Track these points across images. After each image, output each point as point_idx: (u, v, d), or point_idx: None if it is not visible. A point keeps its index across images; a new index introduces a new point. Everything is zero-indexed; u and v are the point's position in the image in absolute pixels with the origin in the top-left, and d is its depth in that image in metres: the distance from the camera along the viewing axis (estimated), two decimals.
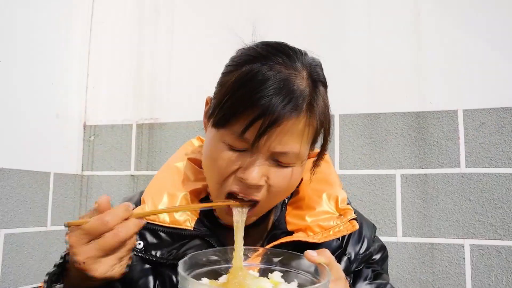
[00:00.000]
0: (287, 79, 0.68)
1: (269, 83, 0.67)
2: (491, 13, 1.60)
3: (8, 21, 1.68)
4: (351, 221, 0.79)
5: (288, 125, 0.68)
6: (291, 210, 0.84)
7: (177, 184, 0.83)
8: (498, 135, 1.54)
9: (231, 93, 0.70)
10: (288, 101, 0.67)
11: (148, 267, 0.79)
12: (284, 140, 0.69)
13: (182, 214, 0.79)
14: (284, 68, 0.70)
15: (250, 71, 0.69)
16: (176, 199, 0.80)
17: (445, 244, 1.56)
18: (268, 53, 0.72)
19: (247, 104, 0.67)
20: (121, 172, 1.98)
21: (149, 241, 0.79)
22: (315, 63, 0.76)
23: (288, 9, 1.83)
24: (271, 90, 0.67)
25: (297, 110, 0.68)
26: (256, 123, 0.66)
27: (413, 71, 1.67)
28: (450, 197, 1.57)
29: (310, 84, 0.71)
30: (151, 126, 1.97)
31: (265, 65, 0.69)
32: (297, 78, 0.70)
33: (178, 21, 2.00)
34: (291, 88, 0.68)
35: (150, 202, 0.80)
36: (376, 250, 0.87)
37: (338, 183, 0.86)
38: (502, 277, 1.49)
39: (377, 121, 1.68)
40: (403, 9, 1.70)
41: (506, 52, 1.57)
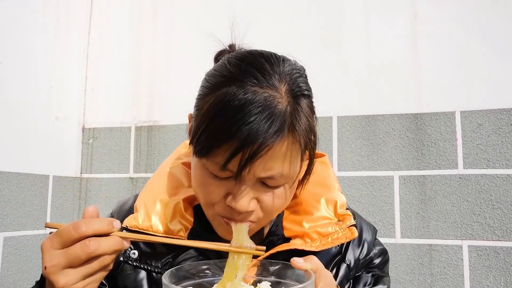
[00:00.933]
0: (264, 102, 0.63)
1: (245, 110, 0.62)
2: (488, 14, 1.61)
3: (7, 24, 1.68)
4: (350, 228, 0.77)
5: (270, 151, 0.63)
6: (288, 214, 0.82)
7: (170, 191, 0.81)
8: (496, 136, 1.55)
9: (208, 122, 0.65)
10: (269, 127, 0.62)
11: (144, 275, 0.78)
12: (268, 165, 0.65)
13: (176, 224, 0.77)
14: (259, 89, 0.64)
15: (224, 98, 0.64)
16: (169, 207, 0.78)
17: (443, 245, 1.56)
18: (241, 72, 0.66)
19: (225, 137, 0.63)
20: (120, 175, 1.98)
21: (143, 250, 0.78)
22: (296, 72, 0.70)
23: (286, 11, 1.84)
24: (247, 117, 0.62)
25: (278, 134, 0.63)
26: (237, 155, 0.63)
27: (410, 72, 1.67)
28: (448, 198, 1.57)
29: (290, 102, 0.66)
30: (150, 129, 1.97)
31: (240, 88, 0.64)
32: (275, 98, 0.64)
33: (176, 24, 2.00)
34: (270, 112, 0.63)
35: (142, 211, 0.78)
36: (376, 255, 0.85)
37: (337, 186, 0.84)
38: (501, 278, 1.49)
39: (375, 122, 1.68)
40: (400, 11, 1.71)
41: (503, 53, 1.58)
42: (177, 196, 0.80)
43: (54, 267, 0.56)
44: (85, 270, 0.57)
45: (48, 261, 0.57)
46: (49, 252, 0.57)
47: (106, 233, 0.59)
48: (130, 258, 0.78)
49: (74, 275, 0.57)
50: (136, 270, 0.78)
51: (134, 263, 0.77)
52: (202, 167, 0.69)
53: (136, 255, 0.78)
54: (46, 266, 0.57)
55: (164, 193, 0.81)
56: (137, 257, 0.78)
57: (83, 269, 0.57)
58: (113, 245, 0.59)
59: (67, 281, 0.56)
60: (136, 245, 0.78)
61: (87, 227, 0.57)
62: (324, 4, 1.80)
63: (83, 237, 0.57)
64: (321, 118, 1.74)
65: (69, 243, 0.57)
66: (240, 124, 0.62)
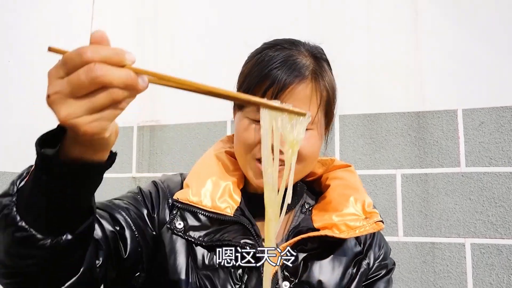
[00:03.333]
0: (290, 56, 0.81)
1: (274, 59, 0.80)
2: (490, 12, 1.61)
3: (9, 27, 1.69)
4: (377, 223, 0.83)
5: (296, 90, 0.78)
6: (317, 212, 0.88)
7: (219, 173, 0.87)
8: (498, 134, 1.55)
9: (247, 75, 0.83)
10: (292, 70, 0.79)
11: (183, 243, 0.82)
12: (297, 104, 0.78)
13: (223, 201, 0.83)
14: (288, 50, 0.82)
15: (261, 55, 0.83)
16: (219, 188, 0.84)
17: (446, 243, 1.56)
18: (275, 42, 0.85)
19: (259, 79, 0.79)
20: (123, 174, 1.98)
21: (189, 223, 0.83)
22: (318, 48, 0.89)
23: (288, 10, 1.84)
24: (277, 64, 0.79)
25: (301, 77, 0.79)
26: (268, 92, 0.78)
27: (412, 71, 1.67)
28: (450, 196, 1.58)
29: (312, 59, 0.83)
30: (152, 128, 1.97)
31: (272, 49, 0.83)
32: (299, 54, 0.82)
33: (178, 23, 2.01)
34: (294, 61, 0.80)
35: (194, 187, 0.84)
36: (390, 265, 0.91)
37: (363, 190, 0.90)
38: (503, 275, 1.49)
39: (377, 121, 1.69)
40: (402, 9, 1.71)
41: (505, 51, 1.58)
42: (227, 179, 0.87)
43: (57, 94, 0.49)
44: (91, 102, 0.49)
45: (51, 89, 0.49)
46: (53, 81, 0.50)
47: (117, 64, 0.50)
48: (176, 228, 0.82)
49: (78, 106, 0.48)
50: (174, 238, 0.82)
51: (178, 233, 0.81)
52: (243, 117, 0.83)
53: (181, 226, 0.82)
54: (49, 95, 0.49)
55: (214, 175, 0.86)
56: (182, 228, 0.82)
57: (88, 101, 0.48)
58: (124, 76, 0.50)
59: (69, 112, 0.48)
60: (183, 217, 0.83)
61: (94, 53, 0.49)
62: (326, 2, 1.80)
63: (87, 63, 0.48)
64: None
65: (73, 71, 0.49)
66: (270, 69, 0.79)
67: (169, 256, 0.81)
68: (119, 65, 0.50)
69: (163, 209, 0.85)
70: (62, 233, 0.56)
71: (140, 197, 0.86)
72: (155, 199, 0.86)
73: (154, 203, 0.85)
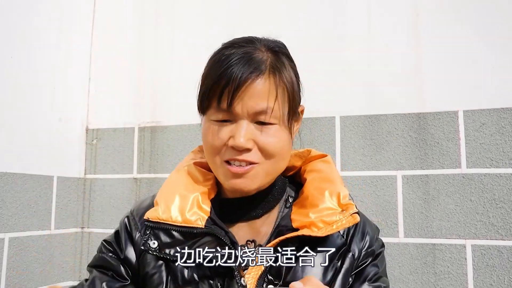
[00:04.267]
0: (246, 52, 0.81)
1: (231, 58, 0.80)
2: (491, 13, 1.61)
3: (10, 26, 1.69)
4: (352, 215, 0.82)
5: (253, 86, 0.79)
6: (296, 209, 0.87)
7: (188, 186, 0.88)
8: (499, 135, 1.55)
9: (205, 77, 0.84)
10: (249, 66, 0.79)
11: (161, 263, 0.83)
12: (255, 101, 0.79)
13: (193, 214, 0.83)
14: (244, 47, 0.82)
15: (218, 55, 0.84)
16: (187, 200, 0.84)
17: (447, 244, 1.56)
18: (232, 41, 0.86)
19: (215, 80, 0.80)
20: (124, 175, 1.99)
21: (163, 240, 0.84)
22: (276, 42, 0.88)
23: (288, 10, 1.84)
24: (232, 62, 0.79)
25: (258, 72, 0.79)
26: (225, 91, 0.78)
27: (413, 72, 1.67)
28: (451, 197, 1.58)
29: (269, 54, 0.83)
30: (153, 129, 1.98)
31: (229, 48, 0.83)
32: (256, 50, 0.82)
33: (179, 25, 2.01)
34: (251, 57, 0.80)
35: (163, 204, 0.85)
36: (377, 248, 0.90)
37: (339, 181, 0.89)
38: (504, 277, 1.49)
39: (378, 122, 1.69)
40: (403, 10, 1.71)
41: (507, 52, 1.58)
42: (195, 190, 0.87)
43: None
44: None
45: None
46: None
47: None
48: (150, 248, 0.84)
49: None
50: (155, 258, 0.84)
51: (154, 253, 0.83)
52: (207, 120, 0.83)
53: (156, 245, 0.84)
54: None
55: (182, 188, 0.87)
56: (157, 247, 0.83)
57: None
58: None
59: None
60: (157, 236, 0.84)
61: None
62: (326, 3, 1.80)
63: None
64: (324, 118, 1.74)
65: None
66: (226, 67, 0.79)
67: (151, 277, 0.83)
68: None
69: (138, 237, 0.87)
70: None
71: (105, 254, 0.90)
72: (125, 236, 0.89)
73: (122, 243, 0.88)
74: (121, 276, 0.87)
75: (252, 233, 0.87)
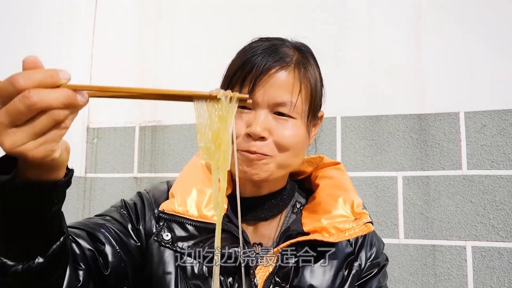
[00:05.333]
0: (274, 45, 0.82)
1: (257, 47, 0.81)
2: (492, 14, 1.60)
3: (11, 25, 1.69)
4: (366, 224, 0.81)
5: (277, 76, 0.79)
6: (307, 214, 0.87)
7: (204, 180, 0.86)
8: (500, 137, 1.55)
9: (231, 65, 0.84)
10: (274, 56, 0.79)
11: (172, 254, 0.81)
12: (277, 91, 0.79)
13: (210, 209, 0.82)
14: (271, 41, 0.83)
15: (245, 47, 0.84)
16: (204, 196, 0.84)
17: (447, 246, 1.56)
18: (261, 37, 0.87)
19: (239, 66, 0.80)
20: (124, 174, 1.99)
21: (177, 234, 0.82)
22: (304, 44, 0.89)
23: (289, 11, 1.84)
24: (258, 51, 0.80)
25: (283, 63, 0.79)
26: (247, 77, 0.78)
27: (414, 73, 1.67)
28: (451, 199, 1.57)
29: (296, 51, 0.84)
30: (154, 129, 1.98)
31: (257, 41, 0.84)
32: (283, 46, 0.83)
33: (180, 23, 2.01)
34: (277, 49, 0.81)
35: (179, 197, 0.83)
36: (382, 262, 0.90)
37: (353, 189, 0.89)
38: (504, 279, 1.49)
39: (379, 123, 1.69)
40: (404, 11, 1.71)
41: (508, 54, 1.57)
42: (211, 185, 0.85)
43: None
44: (33, 128, 0.48)
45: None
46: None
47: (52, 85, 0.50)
48: (163, 240, 0.81)
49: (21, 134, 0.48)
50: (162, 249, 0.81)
51: (166, 245, 0.81)
52: None
53: (169, 237, 0.81)
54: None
55: (199, 183, 0.86)
56: (170, 239, 0.81)
57: (30, 127, 0.48)
58: (61, 97, 0.49)
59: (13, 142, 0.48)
60: (170, 228, 0.82)
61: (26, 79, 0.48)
62: (327, 4, 1.80)
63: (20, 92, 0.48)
64: (324, 118, 1.73)
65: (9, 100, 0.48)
66: (251, 55, 0.80)
67: (158, 267, 0.80)
68: (54, 85, 0.49)
69: (149, 220, 0.84)
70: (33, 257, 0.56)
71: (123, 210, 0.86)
72: (140, 210, 0.85)
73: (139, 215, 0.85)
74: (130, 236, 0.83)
75: (256, 235, 0.87)
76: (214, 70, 1.91)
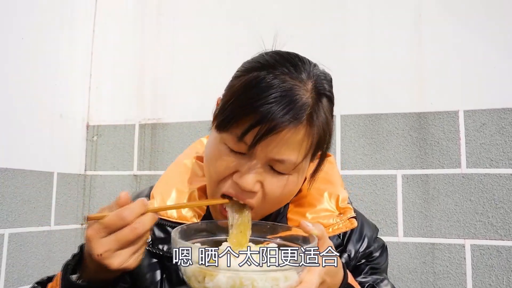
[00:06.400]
0: (290, 89, 0.69)
1: (271, 91, 0.69)
2: (492, 13, 1.61)
3: (11, 22, 1.69)
4: (350, 219, 0.81)
5: (286, 134, 0.69)
6: (293, 207, 0.86)
7: (185, 181, 0.86)
8: (499, 135, 1.55)
9: (235, 97, 0.72)
10: (288, 110, 0.68)
11: (155, 261, 0.81)
12: (281, 149, 0.70)
13: (188, 211, 0.81)
14: (289, 78, 0.71)
15: (255, 78, 0.71)
16: (184, 195, 0.83)
17: (446, 244, 1.57)
18: (276, 62, 0.73)
19: (248, 110, 0.69)
20: (124, 172, 1.99)
21: (157, 235, 0.82)
22: (323, 76, 0.76)
23: (291, 10, 1.84)
24: (272, 98, 0.68)
25: (297, 120, 0.69)
26: (255, 128, 0.68)
27: (414, 71, 1.67)
28: (451, 197, 1.58)
29: (313, 96, 0.72)
30: (154, 126, 1.98)
31: (271, 74, 0.71)
32: (300, 89, 0.70)
33: (180, 22, 2.01)
34: (293, 98, 0.69)
35: (159, 198, 0.83)
36: (376, 249, 0.89)
37: (340, 183, 0.88)
38: (503, 277, 1.49)
39: (378, 121, 1.69)
40: (405, 10, 1.71)
41: (507, 52, 1.58)
42: (192, 185, 0.85)
43: (108, 252, 0.62)
44: (134, 249, 0.64)
45: (101, 248, 0.62)
46: (98, 241, 0.63)
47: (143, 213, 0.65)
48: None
49: (126, 254, 0.63)
50: (149, 255, 0.81)
51: (147, 247, 0.79)
52: (220, 141, 0.74)
53: (149, 239, 0.81)
54: (101, 254, 0.62)
55: (179, 183, 0.85)
56: (150, 241, 0.81)
57: (131, 249, 0.64)
58: (151, 221, 0.65)
59: (120, 261, 0.63)
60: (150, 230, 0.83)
61: (131, 214, 0.63)
62: (328, 3, 1.80)
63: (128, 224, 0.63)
64: None
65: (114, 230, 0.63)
66: (263, 102, 0.68)
67: (146, 273, 0.81)
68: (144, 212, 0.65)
69: None
70: None
71: None
72: None
73: None
74: None
75: None
76: (214, 69, 1.92)
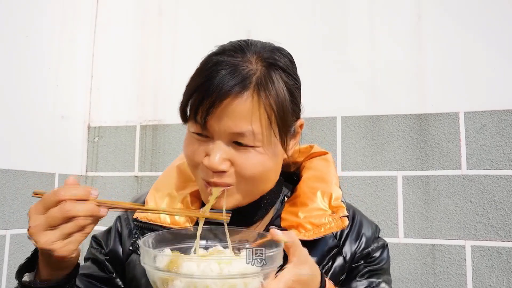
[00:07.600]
0: (234, 64, 0.72)
1: (213, 68, 0.72)
2: (492, 15, 1.61)
3: (13, 24, 1.70)
4: (342, 218, 0.79)
5: (233, 103, 0.70)
6: (287, 207, 0.85)
7: (178, 185, 0.86)
8: (499, 137, 1.55)
9: (188, 85, 0.76)
10: (231, 79, 0.70)
11: None
12: (235, 120, 0.70)
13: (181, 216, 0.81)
14: (233, 56, 0.73)
15: (204, 63, 0.76)
16: (176, 201, 0.83)
17: (446, 245, 1.57)
18: (224, 48, 0.77)
19: (193, 91, 0.73)
20: (125, 173, 1.99)
21: None
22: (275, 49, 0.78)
23: (291, 12, 1.85)
24: (214, 73, 0.71)
25: (239, 87, 0.70)
26: (200, 107, 0.71)
27: (414, 73, 1.68)
28: (451, 198, 1.58)
29: (260, 67, 0.73)
30: (155, 128, 1.98)
31: (217, 55, 0.75)
32: (245, 62, 0.72)
33: (181, 23, 2.01)
34: (236, 69, 0.71)
35: (152, 204, 0.84)
36: (375, 250, 0.86)
37: (335, 181, 0.86)
38: (503, 278, 1.50)
39: (379, 123, 1.69)
40: (405, 11, 1.71)
41: (507, 54, 1.58)
42: (185, 190, 0.85)
43: (36, 227, 0.63)
44: (62, 231, 0.63)
45: (32, 223, 0.63)
46: (34, 216, 0.64)
47: (83, 199, 0.64)
48: (137, 247, 0.81)
49: (53, 234, 0.62)
50: None
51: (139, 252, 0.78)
52: (188, 131, 0.77)
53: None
54: (30, 227, 0.63)
55: (173, 188, 0.85)
56: None
57: (60, 229, 0.63)
58: (87, 209, 0.64)
59: (46, 240, 0.62)
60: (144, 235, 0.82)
61: (65, 193, 0.63)
62: (328, 4, 1.80)
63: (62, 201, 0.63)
64: (325, 118, 1.75)
65: (50, 207, 0.63)
66: (207, 78, 0.71)
67: (141, 278, 0.82)
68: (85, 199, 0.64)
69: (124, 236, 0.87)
70: None
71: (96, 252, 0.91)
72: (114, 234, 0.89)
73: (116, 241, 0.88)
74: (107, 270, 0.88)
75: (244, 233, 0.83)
76: None
